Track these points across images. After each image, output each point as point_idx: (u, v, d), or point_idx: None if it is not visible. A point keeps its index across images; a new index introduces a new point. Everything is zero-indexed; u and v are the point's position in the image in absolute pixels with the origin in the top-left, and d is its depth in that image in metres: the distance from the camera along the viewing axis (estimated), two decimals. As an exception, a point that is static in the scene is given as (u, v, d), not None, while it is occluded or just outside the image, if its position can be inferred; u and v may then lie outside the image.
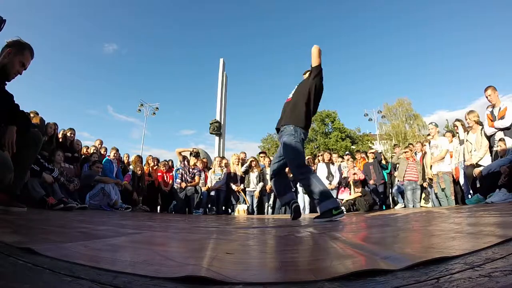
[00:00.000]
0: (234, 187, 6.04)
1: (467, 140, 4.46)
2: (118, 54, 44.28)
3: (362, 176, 5.98)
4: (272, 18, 46.62)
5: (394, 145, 12.12)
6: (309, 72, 2.83)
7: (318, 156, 6.49)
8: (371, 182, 6.12)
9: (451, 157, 4.96)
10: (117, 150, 5.57)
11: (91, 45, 44.70)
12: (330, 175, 6.06)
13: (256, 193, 5.95)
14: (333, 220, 2.28)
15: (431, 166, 5.15)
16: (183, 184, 5.71)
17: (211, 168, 6.36)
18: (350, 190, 5.89)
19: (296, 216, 2.73)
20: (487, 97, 4.21)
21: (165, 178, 6.20)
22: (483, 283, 0.39)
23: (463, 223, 1.36)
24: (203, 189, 5.84)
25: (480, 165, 4.03)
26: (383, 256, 0.61)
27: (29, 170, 2.34)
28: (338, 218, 2.33)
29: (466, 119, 4.56)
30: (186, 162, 5.93)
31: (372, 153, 6.51)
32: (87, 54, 43.72)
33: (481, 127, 4.32)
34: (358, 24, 42.92)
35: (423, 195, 5.44)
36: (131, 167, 5.80)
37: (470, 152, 4.34)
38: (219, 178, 6.05)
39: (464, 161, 4.44)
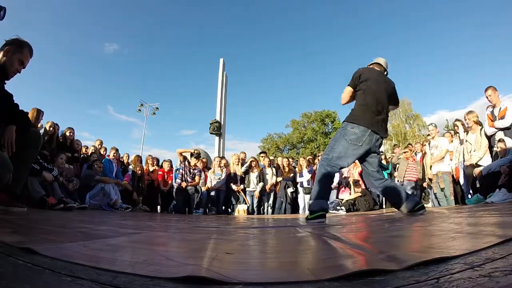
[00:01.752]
0: (234, 187, 6.04)
1: (466, 141, 4.46)
2: (119, 54, 44.17)
3: (357, 177, 5.97)
4: (273, 18, 46.55)
5: (394, 145, 12.10)
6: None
7: (318, 156, 6.49)
8: (371, 182, 6.11)
9: (451, 157, 4.96)
10: (117, 150, 5.56)
11: (92, 44, 44.55)
12: (330, 175, 6.04)
13: (256, 193, 5.95)
14: (311, 223, 2.09)
15: (430, 166, 5.15)
16: (183, 184, 5.72)
17: (211, 168, 6.37)
18: (350, 190, 5.89)
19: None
20: (487, 97, 4.22)
21: (165, 178, 6.21)
22: (483, 283, 0.39)
23: (463, 223, 1.36)
24: (203, 189, 5.84)
25: (480, 165, 4.04)
26: (383, 256, 0.61)
27: (29, 170, 2.33)
28: (315, 221, 2.11)
29: (465, 120, 4.56)
30: (186, 163, 5.94)
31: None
32: (87, 53, 43.58)
33: (480, 127, 4.32)
34: (358, 24, 42.84)
35: (423, 195, 5.44)
36: (131, 167, 5.80)
37: (470, 152, 4.34)
38: (219, 178, 6.06)
39: (464, 161, 4.44)
